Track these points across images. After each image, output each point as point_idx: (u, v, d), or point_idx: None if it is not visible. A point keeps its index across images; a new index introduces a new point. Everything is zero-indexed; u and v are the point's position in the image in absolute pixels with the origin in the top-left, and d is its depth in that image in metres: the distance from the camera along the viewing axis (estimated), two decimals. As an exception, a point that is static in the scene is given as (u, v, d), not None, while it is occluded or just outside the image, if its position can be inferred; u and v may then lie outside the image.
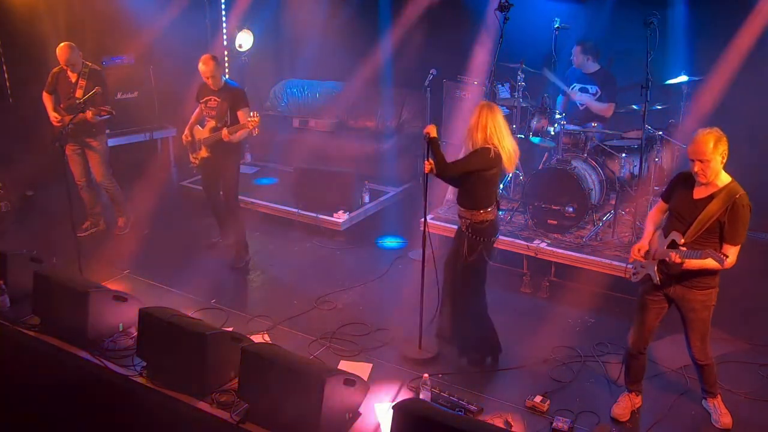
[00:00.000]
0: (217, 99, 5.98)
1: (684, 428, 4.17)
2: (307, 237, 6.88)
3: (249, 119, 5.79)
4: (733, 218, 3.66)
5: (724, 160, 3.69)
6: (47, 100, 6.50)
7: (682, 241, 3.76)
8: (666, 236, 3.87)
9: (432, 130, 4.46)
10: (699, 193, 3.78)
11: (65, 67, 6.34)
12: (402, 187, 7.58)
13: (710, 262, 3.63)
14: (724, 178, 3.74)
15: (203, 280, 5.95)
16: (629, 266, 4.09)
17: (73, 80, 6.37)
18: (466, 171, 4.39)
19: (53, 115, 6.41)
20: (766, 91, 6.00)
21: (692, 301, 3.86)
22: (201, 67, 5.89)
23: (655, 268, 3.89)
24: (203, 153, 6.13)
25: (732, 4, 6.04)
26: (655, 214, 4.11)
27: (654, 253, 3.90)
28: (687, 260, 3.70)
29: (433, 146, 4.45)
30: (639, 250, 4.01)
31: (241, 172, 8.10)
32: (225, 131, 5.85)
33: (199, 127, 6.18)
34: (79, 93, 6.28)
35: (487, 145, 4.32)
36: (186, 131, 6.27)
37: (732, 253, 3.68)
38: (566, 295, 5.59)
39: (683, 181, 3.87)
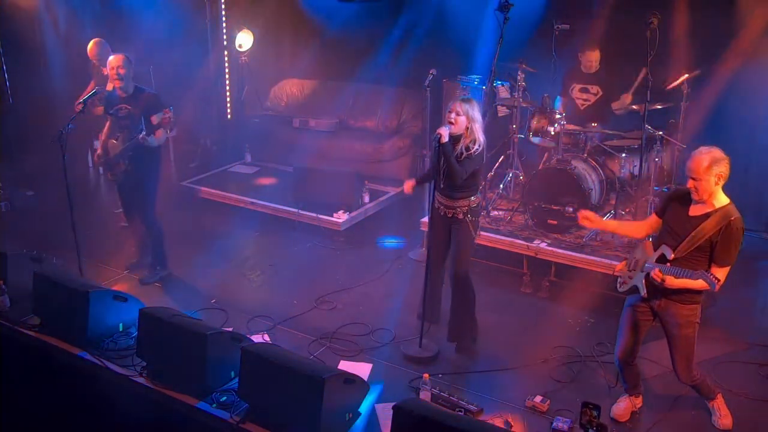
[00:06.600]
0: (128, 107, 5.56)
1: (684, 428, 4.17)
2: (307, 237, 6.88)
3: (162, 116, 5.45)
4: (725, 239, 3.64)
5: (721, 182, 3.66)
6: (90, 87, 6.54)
7: (672, 256, 3.74)
8: (656, 249, 3.85)
9: (444, 134, 4.45)
10: (695, 210, 3.76)
11: (95, 63, 6.34)
12: (402, 187, 7.57)
13: (692, 283, 3.63)
14: (722, 200, 3.72)
15: (203, 280, 5.96)
16: (616, 264, 4.10)
17: (105, 74, 6.26)
18: (476, 170, 4.61)
19: (77, 103, 6.12)
20: (765, 90, 6.01)
21: (676, 316, 3.84)
22: (113, 61, 5.47)
23: (643, 280, 3.86)
24: (122, 167, 5.68)
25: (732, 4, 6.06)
26: (641, 224, 4.16)
27: (642, 265, 3.89)
28: (668, 278, 3.69)
29: (445, 151, 4.47)
30: (588, 217, 4.16)
31: (241, 172, 8.19)
32: (143, 135, 5.38)
33: (114, 141, 5.71)
34: (109, 87, 6.17)
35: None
36: (99, 150, 5.89)
37: (721, 274, 3.66)
38: (566, 295, 5.59)
39: (680, 198, 3.85)
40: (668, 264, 3.74)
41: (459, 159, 4.50)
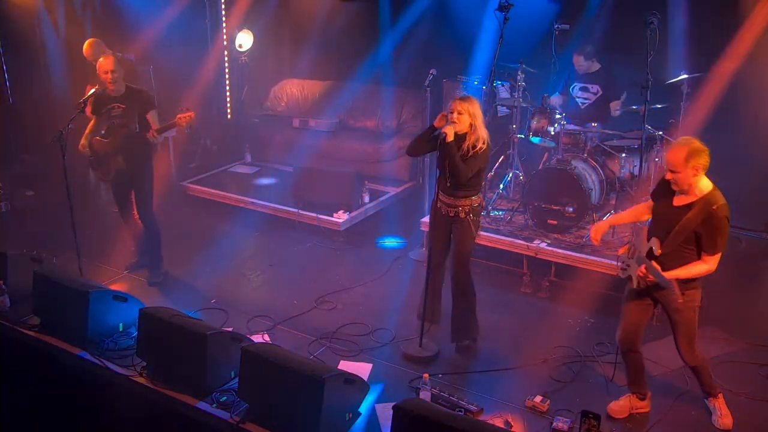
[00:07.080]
0: (122, 106, 5.50)
1: (684, 428, 4.16)
2: (307, 237, 6.88)
3: (182, 115, 5.43)
4: (709, 230, 3.64)
5: (699, 174, 3.64)
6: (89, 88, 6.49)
7: (659, 251, 3.75)
8: (648, 238, 3.85)
9: (450, 133, 4.42)
10: (679, 200, 3.77)
11: (92, 63, 6.33)
12: (402, 187, 7.58)
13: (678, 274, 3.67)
14: (704, 187, 3.70)
15: (203, 280, 5.96)
16: (618, 263, 4.10)
17: None
18: (481, 168, 4.59)
19: (79, 103, 6.19)
20: (765, 89, 6.00)
21: (675, 301, 3.84)
22: (104, 65, 5.39)
23: (636, 271, 3.86)
24: (119, 164, 5.61)
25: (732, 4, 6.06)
26: (639, 209, 4.17)
27: (636, 254, 3.90)
28: (650, 277, 3.72)
29: (450, 150, 4.44)
30: (596, 230, 4.18)
31: (241, 172, 8.19)
32: (152, 132, 5.44)
33: (100, 139, 5.62)
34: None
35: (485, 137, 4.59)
36: (83, 141, 5.71)
37: (711, 260, 3.67)
38: (566, 295, 5.59)
39: (667, 186, 3.83)
40: (653, 262, 3.75)
41: (466, 157, 4.50)
